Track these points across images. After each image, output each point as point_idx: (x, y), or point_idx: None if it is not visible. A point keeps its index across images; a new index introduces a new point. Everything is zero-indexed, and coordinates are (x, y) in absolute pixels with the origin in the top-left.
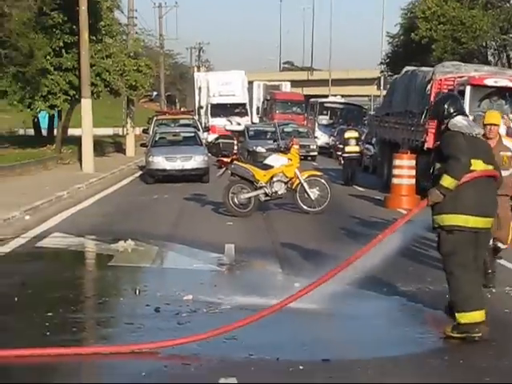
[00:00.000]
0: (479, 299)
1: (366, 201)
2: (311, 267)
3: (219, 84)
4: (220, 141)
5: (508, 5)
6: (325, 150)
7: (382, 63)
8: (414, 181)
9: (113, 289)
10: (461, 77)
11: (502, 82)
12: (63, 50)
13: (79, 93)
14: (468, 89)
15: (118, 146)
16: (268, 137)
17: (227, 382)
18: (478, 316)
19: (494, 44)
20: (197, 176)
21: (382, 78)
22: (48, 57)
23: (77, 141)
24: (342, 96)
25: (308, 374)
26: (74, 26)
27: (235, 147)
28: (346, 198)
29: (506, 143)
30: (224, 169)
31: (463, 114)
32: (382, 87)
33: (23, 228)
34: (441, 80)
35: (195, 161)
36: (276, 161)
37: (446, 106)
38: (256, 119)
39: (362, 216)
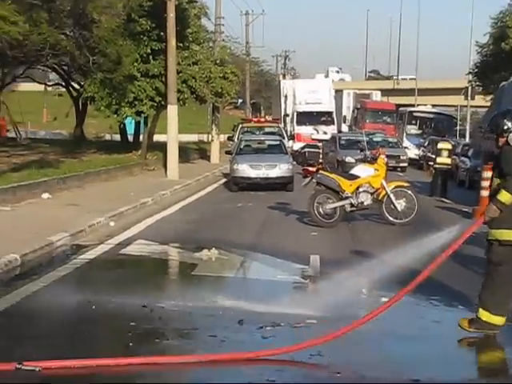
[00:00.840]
0: (506, 308)
1: (454, 213)
2: (395, 281)
3: (306, 92)
4: (306, 150)
5: None
6: (414, 162)
7: (470, 73)
8: None
9: (197, 299)
10: None
11: None
12: (150, 57)
13: (165, 99)
14: None
15: (203, 152)
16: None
17: None
18: (499, 320)
19: None
20: (281, 184)
21: (470, 87)
22: (135, 63)
23: (162, 147)
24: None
25: None
26: (162, 33)
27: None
28: (433, 210)
29: None
30: (309, 178)
31: None
32: (469, 97)
33: (108, 234)
34: None
35: (280, 169)
36: (362, 171)
37: (505, 121)
38: (345, 128)
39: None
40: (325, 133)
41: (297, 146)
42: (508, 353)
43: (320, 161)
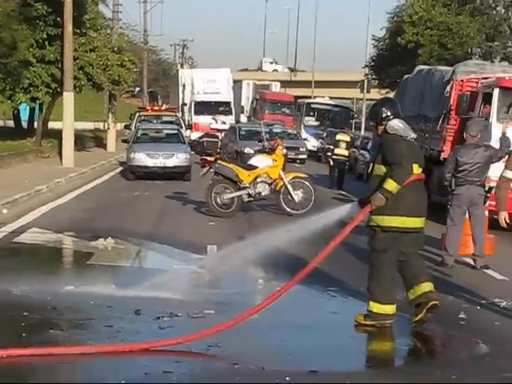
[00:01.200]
0: (393, 295)
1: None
2: (291, 270)
3: (204, 81)
4: (204, 139)
5: (495, 12)
6: (312, 153)
7: (366, 66)
8: None
9: (92, 289)
10: (486, 78)
11: None
12: (46, 42)
13: (61, 86)
14: (496, 92)
15: (99, 140)
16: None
17: None
18: (390, 309)
19: (480, 51)
20: (178, 174)
21: (366, 81)
22: (31, 49)
23: (57, 134)
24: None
25: None
26: (58, 18)
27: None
28: (331, 202)
29: None
30: (207, 168)
31: (400, 117)
32: (365, 90)
33: (1, 222)
34: (462, 81)
35: (177, 158)
36: (260, 161)
37: (384, 109)
38: (244, 119)
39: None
40: (223, 123)
41: (194, 135)
42: (399, 343)
43: (218, 150)
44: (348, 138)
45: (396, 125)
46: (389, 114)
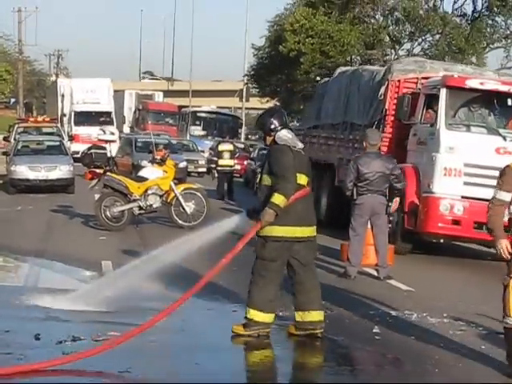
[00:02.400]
0: (275, 304)
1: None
2: (188, 283)
3: (83, 91)
4: (92, 151)
5: (374, 21)
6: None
7: (246, 75)
8: None
9: None
10: (426, 77)
11: (491, 85)
12: None
13: None
14: (443, 92)
15: None
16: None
17: None
18: (269, 318)
19: (360, 59)
20: (62, 187)
21: (245, 89)
22: None
23: None
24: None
25: None
26: None
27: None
28: (222, 213)
29: None
30: (96, 180)
31: (288, 127)
32: (244, 99)
33: None
34: (399, 81)
35: (60, 171)
36: (151, 173)
37: (272, 119)
38: (126, 129)
39: (237, 231)
40: (112, 133)
41: (75, 147)
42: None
43: (107, 162)
44: (231, 148)
45: (284, 135)
46: (277, 124)
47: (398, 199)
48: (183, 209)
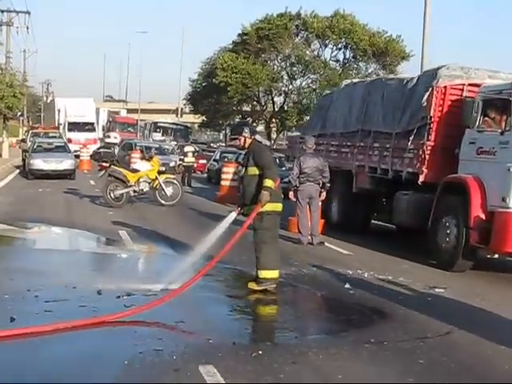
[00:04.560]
0: (278, 262)
1: (205, 199)
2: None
3: (74, 107)
4: (102, 150)
5: (276, 63)
6: None
7: (184, 99)
8: (235, 183)
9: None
10: (472, 84)
11: None
12: None
13: None
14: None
15: None
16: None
17: (207, 370)
18: (275, 274)
19: (263, 89)
20: (66, 175)
21: (181, 109)
22: None
23: None
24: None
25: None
26: None
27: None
28: (189, 196)
29: None
30: (104, 171)
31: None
32: (179, 115)
33: None
34: (445, 87)
35: (65, 163)
36: (142, 166)
37: (247, 127)
38: (101, 135)
39: (202, 208)
40: (115, 137)
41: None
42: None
43: (112, 159)
44: (193, 149)
45: (260, 138)
46: (252, 130)
47: (324, 193)
48: (164, 192)
